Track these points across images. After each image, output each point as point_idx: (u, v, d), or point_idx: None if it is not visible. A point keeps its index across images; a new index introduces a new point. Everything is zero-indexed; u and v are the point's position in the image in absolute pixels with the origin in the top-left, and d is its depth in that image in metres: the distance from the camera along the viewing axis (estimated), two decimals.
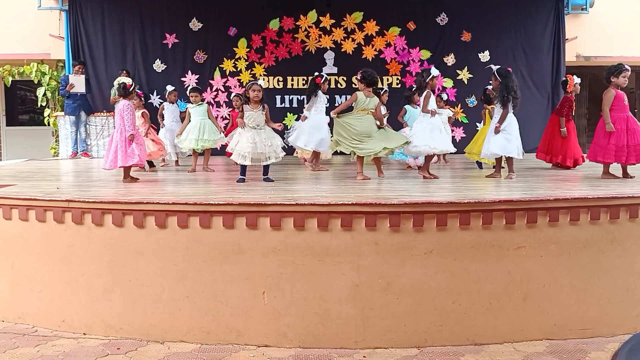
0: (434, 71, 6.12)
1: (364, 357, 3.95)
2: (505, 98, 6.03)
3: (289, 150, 7.64)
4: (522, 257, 4.18)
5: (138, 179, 6.05)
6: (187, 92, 7.81)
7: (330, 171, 7.22)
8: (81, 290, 4.33)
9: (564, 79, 7.81)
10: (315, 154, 7.43)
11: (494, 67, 6.27)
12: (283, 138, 6.35)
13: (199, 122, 7.49)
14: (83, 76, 10.03)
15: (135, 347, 4.07)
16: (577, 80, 7.48)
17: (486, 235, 4.15)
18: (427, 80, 6.02)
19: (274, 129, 5.99)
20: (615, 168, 6.09)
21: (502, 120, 6.07)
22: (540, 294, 4.20)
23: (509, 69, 6.38)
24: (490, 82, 6.41)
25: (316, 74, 7.50)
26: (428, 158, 6.25)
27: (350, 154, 6.48)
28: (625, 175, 6.00)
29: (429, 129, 6.02)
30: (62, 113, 10.15)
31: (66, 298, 4.37)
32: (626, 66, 6.02)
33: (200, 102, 7.64)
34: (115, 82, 6.11)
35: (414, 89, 7.49)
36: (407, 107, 7.90)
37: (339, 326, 4.09)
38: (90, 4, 10.61)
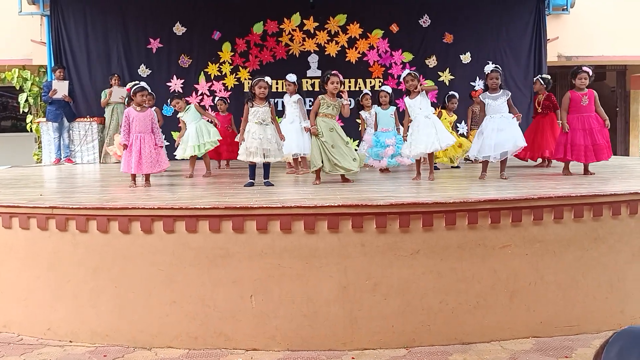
0: (403, 72, 6.21)
1: (353, 358, 3.95)
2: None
3: None
4: (507, 255, 4.21)
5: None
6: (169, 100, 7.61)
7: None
8: (67, 298, 4.28)
9: (547, 76, 7.95)
10: None
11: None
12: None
13: (195, 127, 7.23)
14: (67, 82, 9.94)
15: (122, 354, 4.04)
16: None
17: (472, 234, 4.18)
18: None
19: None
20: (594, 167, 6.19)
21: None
22: (526, 292, 4.24)
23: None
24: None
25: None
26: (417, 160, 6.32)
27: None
28: (586, 172, 6.20)
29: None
30: (45, 119, 10.05)
31: (52, 305, 4.32)
32: (584, 68, 6.11)
33: (187, 107, 7.34)
34: (130, 85, 5.82)
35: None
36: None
37: (328, 328, 4.09)
38: (72, 8, 10.51)
